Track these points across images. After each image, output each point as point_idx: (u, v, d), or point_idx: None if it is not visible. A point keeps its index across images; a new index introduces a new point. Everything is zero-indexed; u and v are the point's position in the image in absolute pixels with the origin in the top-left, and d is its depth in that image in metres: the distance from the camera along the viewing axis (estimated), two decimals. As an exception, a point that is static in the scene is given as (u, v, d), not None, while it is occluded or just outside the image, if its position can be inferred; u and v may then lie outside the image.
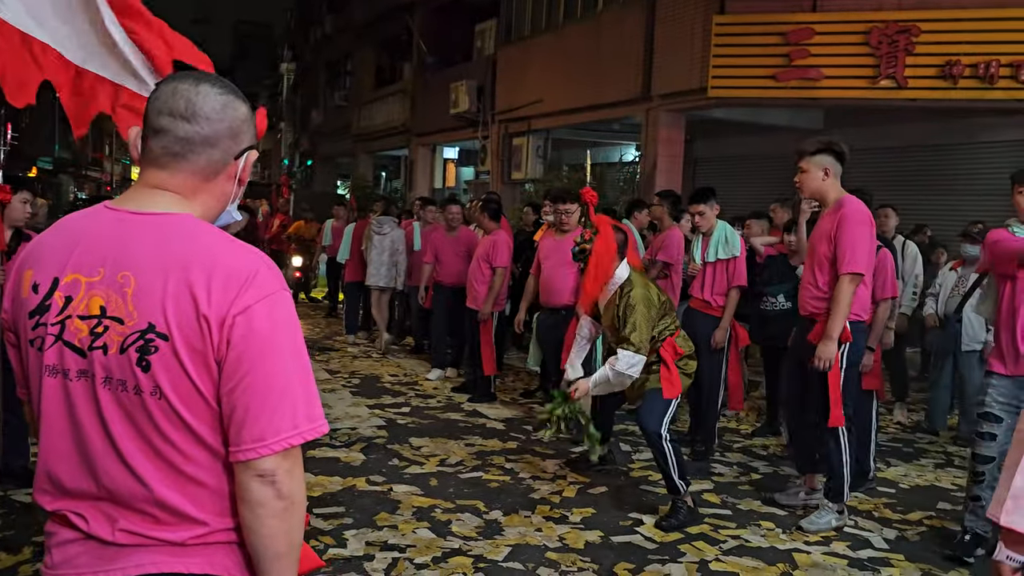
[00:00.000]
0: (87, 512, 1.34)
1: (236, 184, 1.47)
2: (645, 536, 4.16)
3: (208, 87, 1.40)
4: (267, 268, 1.35)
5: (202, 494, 1.34)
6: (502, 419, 6.41)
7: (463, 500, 4.55)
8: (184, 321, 1.28)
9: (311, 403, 1.35)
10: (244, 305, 1.30)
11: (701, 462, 5.37)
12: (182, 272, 1.29)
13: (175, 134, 1.37)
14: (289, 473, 1.33)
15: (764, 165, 13.01)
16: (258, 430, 1.30)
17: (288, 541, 1.36)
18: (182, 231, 1.35)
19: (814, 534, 4.25)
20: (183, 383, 1.29)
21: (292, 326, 1.35)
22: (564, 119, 13.43)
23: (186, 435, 1.32)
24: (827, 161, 4.20)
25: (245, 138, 1.44)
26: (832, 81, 9.78)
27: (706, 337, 5.47)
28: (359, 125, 22.44)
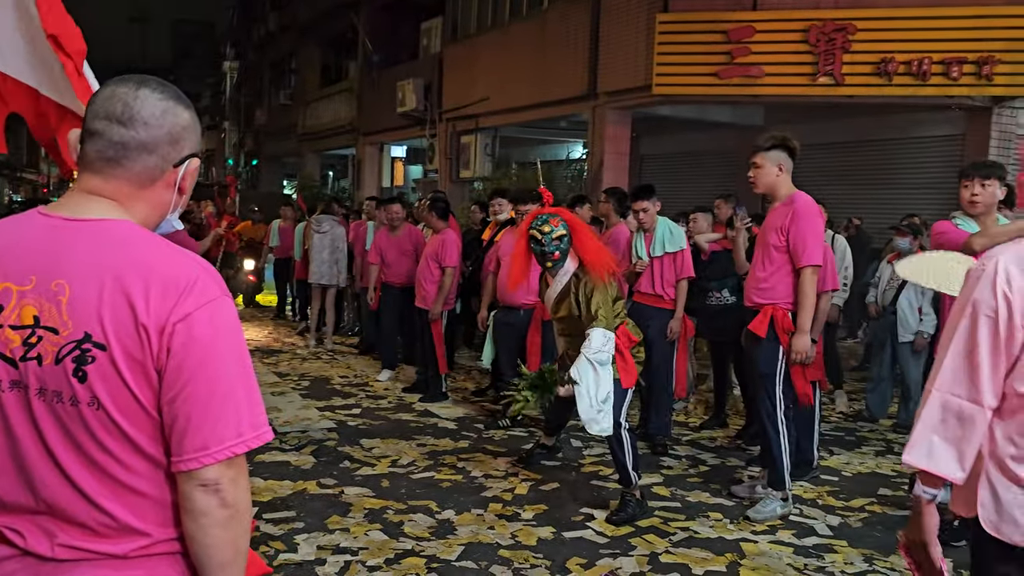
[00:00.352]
0: (24, 528, 1.31)
1: (176, 193, 1.42)
2: (596, 531, 4.21)
3: (148, 91, 1.36)
4: (206, 274, 1.33)
5: (143, 505, 1.31)
6: (454, 418, 6.41)
7: (415, 500, 4.54)
8: (122, 330, 1.25)
9: (255, 410, 1.34)
10: (184, 312, 1.27)
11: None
12: (118, 280, 1.26)
13: (110, 138, 1.34)
14: (233, 481, 1.31)
15: (708, 161, 13.23)
16: (200, 439, 1.28)
17: (234, 550, 1.34)
18: (118, 238, 1.31)
19: (760, 523, 4.35)
20: (122, 393, 1.27)
21: (234, 332, 1.33)
22: (512, 117, 13.46)
23: (125, 445, 1.29)
24: (781, 157, 4.30)
25: (186, 145, 1.40)
26: (773, 78, 9.98)
27: (660, 330, 5.56)
28: (305, 124, 22.18)
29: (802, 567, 3.84)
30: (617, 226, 6.44)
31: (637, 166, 13.68)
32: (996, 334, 1.67)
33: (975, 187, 3.99)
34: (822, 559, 3.94)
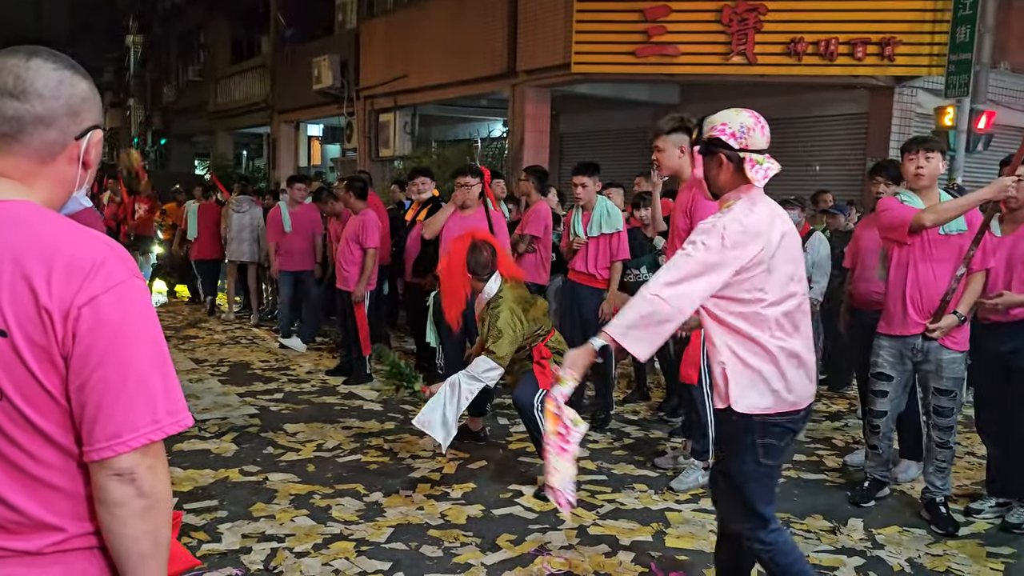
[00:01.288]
0: None
1: (80, 167, 1.36)
2: (525, 507, 4.25)
3: (40, 61, 1.29)
4: (115, 256, 1.26)
5: (56, 498, 1.25)
6: (379, 400, 6.36)
7: (342, 484, 4.50)
8: (23, 316, 1.19)
9: (171, 396, 1.28)
10: (89, 295, 1.21)
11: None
12: (18, 263, 1.20)
13: (3, 114, 1.27)
14: (151, 470, 1.26)
15: (625, 139, 13.40)
16: (113, 427, 1.22)
17: (153, 541, 1.29)
18: (18, 219, 1.24)
19: (684, 493, 4.47)
20: (27, 382, 1.21)
21: (146, 315, 1.27)
22: (431, 95, 13.33)
23: (34, 437, 1.23)
24: (682, 139, 4.36)
25: (87, 117, 1.34)
26: (688, 58, 10.16)
27: (592, 310, 5.62)
28: (216, 102, 21.48)
29: (724, 533, 3.97)
30: (538, 203, 6.49)
31: (557, 144, 13.76)
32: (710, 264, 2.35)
33: (920, 160, 4.04)
34: (742, 525, 4.08)
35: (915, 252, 4.04)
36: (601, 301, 5.64)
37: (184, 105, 24.44)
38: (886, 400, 4.23)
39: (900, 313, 4.10)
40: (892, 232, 4.11)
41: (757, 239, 2.50)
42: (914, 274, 4.04)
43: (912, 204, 4.05)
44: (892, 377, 4.19)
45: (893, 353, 4.16)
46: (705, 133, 2.62)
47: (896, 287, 4.12)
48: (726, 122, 2.61)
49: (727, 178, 2.62)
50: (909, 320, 4.06)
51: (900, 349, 4.13)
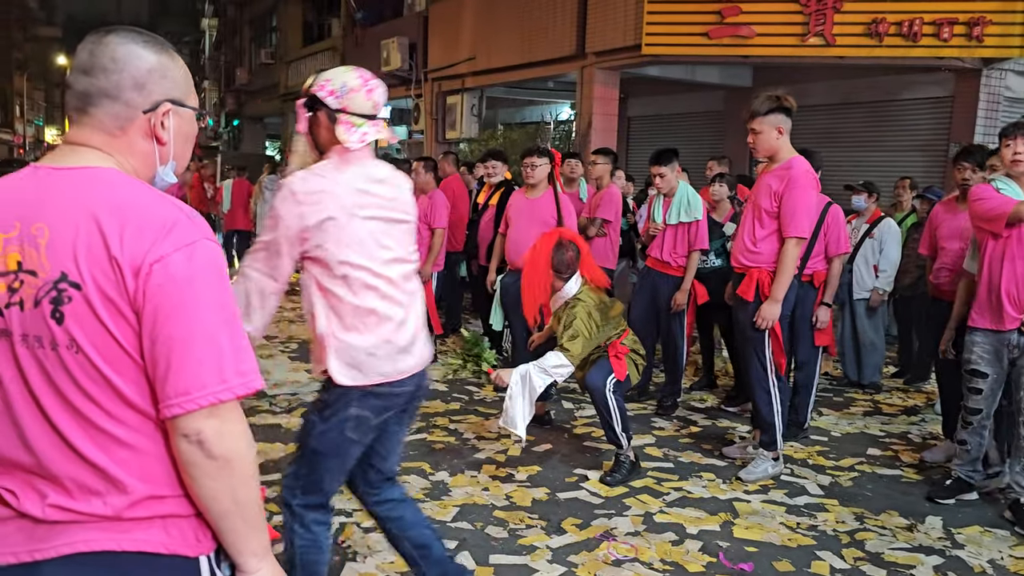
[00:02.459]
0: (18, 488, 1.28)
1: (155, 143, 1.38)
2: (591, 491, 4.23)
3: (114, 37, 1.34)
4: (187, 218, 1.29)
5: (133, 458, 1.27)
6: (444, 380, 6.40)
7: (408, 462, 4.54)
8: (96, 267, 1.22)
9: (240, 356, 1.28)
10: (160, 253, 1.23)
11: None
12: (94, 218, 1.24)
13: (76, 88, 1.34)
14: (219, 433, 1.26)
15: (696, 122, 13.14)
16: (182, 384, 1.23)
17: (231, 498, 1.29)
18: (100, 181, 1.29)
19: (752, 483, 4.38)
20: (100, 335, 1.23)
21: (216, 275, 1.28)
22: (498, 77, 13.27)
23: (110, 393, 1.25)
24: (779, 119, 4.21)
25: (155, 90, 1.36)
26: (763, 39, 9.87)
27: (666, 298, 5.54)
28: (288, 84, 21.80)
29: (795, 525, 3.88)
30: (610, 186, 6.41)
31: (625, 127, 13.58)
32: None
33: (1018, 145, 3.84)
34: (814, 518, 3.98)
35: (1012, 245, 3.85)
36: (676, 289, 5.55)
37: (256, 87, 24.90)
38: (980, 398, 4.06)
39: (995, 308, 3.92)
40: (988, 223, 3.91)
41: (320, 202, 2.31)
42: (1011, 268, 3.85)
43: (1010, 193, 3.84)
44: (987, 374, 4.00)
45: (988, 349, 3.98)
46: (312, 89, 2.45)
47: (991, 281, 3.93)
48: (330, 79, 2.44)
49: (327, 137, 2.44)
50: (1005, 315, 3.88)
51: (995, 345, 3.95)
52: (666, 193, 5.55)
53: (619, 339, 4.40)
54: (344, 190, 2.38)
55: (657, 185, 5.55)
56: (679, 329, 5.67)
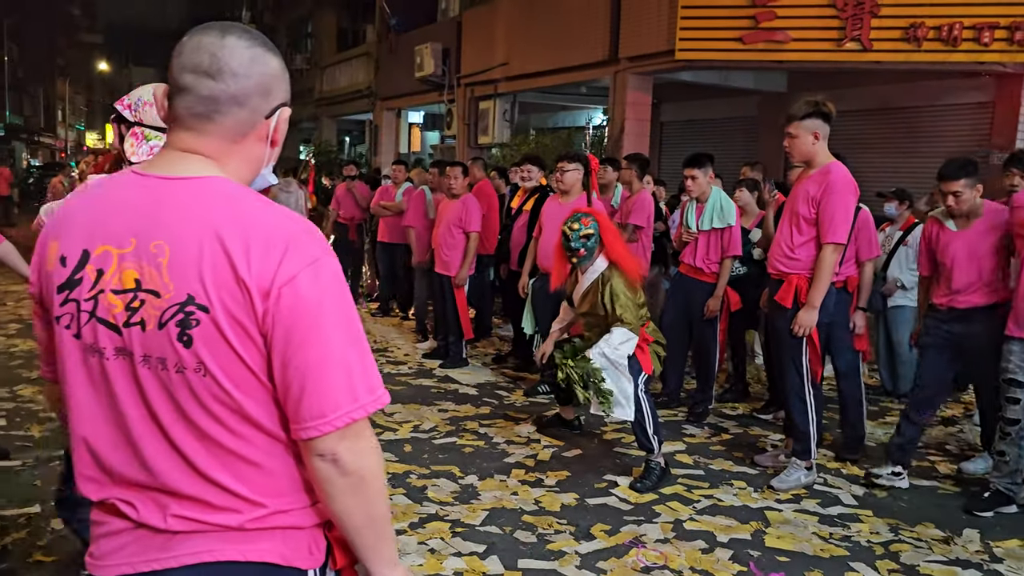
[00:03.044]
0: (137, 500, 1.26)
1: (268, 145, 1.35)
2: (620, 498, 4.21)
3: (235, 39, 1.27)
4: (306, 233, 1.25)
5: (256, 475, 1.26)
6: (474, 384, 6.41)
7: (438, 466, 4.55)
8: (223, 290, 1.19)
9: (369, 373, 1.27)
10: (289, 275, 1.19)
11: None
12: (218, 237, 1.19)
13: (199, 93, 1.26)
14: (351, 449, 1.25)
15: (730, 128, 13.04)
16: (317, 407, 1.21)
17: (365, 513, 1.29)
18: (216, 194, 1.25)
19: (785, 492, 4.33)
20: (228, 357, 1.20)
21: (341, 292, 1.25)
22: (531, 82, 13.29)
23: (235, 414, 1.23)
24: (816, 124, 4.17)
25: (277, 95, 1.33)
26: (798, 44, 9.78)
27: (699, 304, 5.51)
28: (322, 89, 22.05)
29: (828, 536, 3.82)
30: (641, 192, 6.40)
31: (658, 133, 13.52)
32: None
33: None
34: (848, 528, 3.93)
35: None
36: (708, 296, 5.50)
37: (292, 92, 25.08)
38: (1019, 408, 3.98)
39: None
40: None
41: None
42: None
43: None
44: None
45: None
46: (116, 103, 2.59)
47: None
48: (131, 95, 2.56)
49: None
50: None
51: None
52: (699, 199, 5.51)
53: (643, 326, 4.38)
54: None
55: (688, 188, 5.51)
56: (712, 336, 5.63)
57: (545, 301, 5.92)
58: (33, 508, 3.82)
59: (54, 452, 4.48)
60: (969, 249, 4.22)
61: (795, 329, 4.22)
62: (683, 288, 5.68)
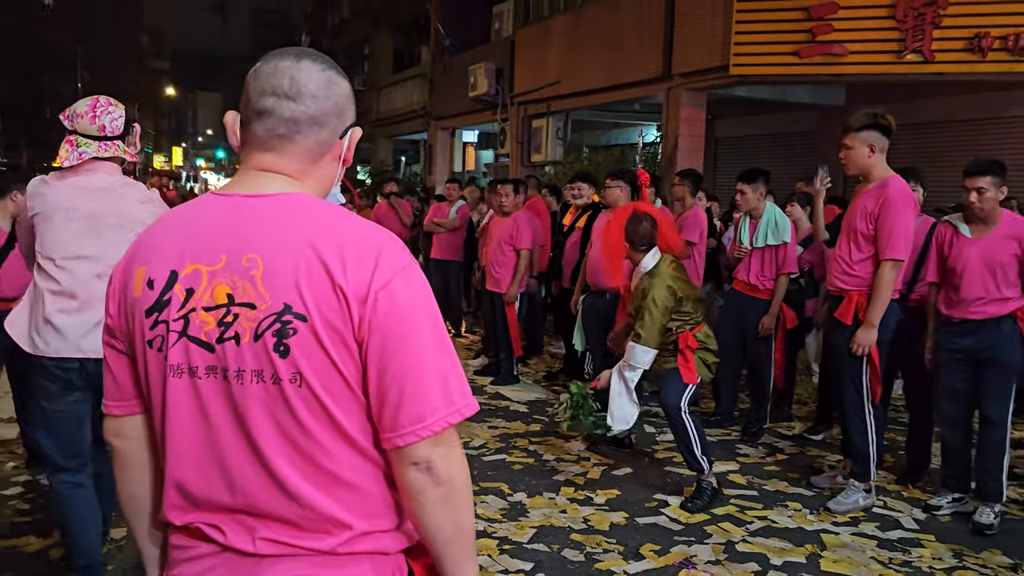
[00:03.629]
0: (223, 523, 1.26)
1: (340, 165, 1.38)
2: (671, 517, 4.14)
3: (310, 63, 1.31)
4: (393, 241, 1.27)
5: (347, 494, 1.25)
6: (525, 401, 6.40)
7: (487, 482, 4.55)
8: (321, 298, 1.19)
9: (461, 378, 1.27)
10: (384, 280, 1.21)
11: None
12: (312, 247, 1.21)
13: (281, 115, 1.29)
14: (445, 456, 1.24)
15: (786, 143, 12.85)
16: (416, 411, 1.21)
17: (454, 526, 1.28)
18: (303, 207, 1.27)
19: (842, 515, 4.21)
20: (325, 367, 1.20)
21: (430, 298, 1.27)
22: (584, 100, 13.30)
23: (330, 429, 1.23)
24: (873, 137, 4.09)
25: (348, 115, 1.36)
26: (856, 56, 9.60)
27: (753, 322, 5.42)
28: (378, 110, 22.43)
29: (887, 561, 3.70)
30: (693, 208, 6.35)
31: (712, 149, 13.39)
32: None
33: None
34: (908, 553, 3.79)
35: None
36: (763, 313, 5.40)
37: (348, 113, 25.68)
38: None
39: None
40: None
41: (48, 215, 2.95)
42: None
43: None
44: None
45: None
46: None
47: None
48: (72, 107, 3.01)
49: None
50: None
51: None
52: (751, 214, 5.43)
53: (691, 331, 4.32)
54: (60, 198, 2.96)
55: (737, 201, 5.45)
56: (766, 354, 5.52)
57: (595, 319, 5.88)
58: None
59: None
60: (983, 257, 4.09)
61: (853, 348, 4.11)
62: (737, 305, 5.59)
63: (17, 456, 4.68)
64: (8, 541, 3.65)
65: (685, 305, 4.30)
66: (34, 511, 3.99)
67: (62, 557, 3.51)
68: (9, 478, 4.39)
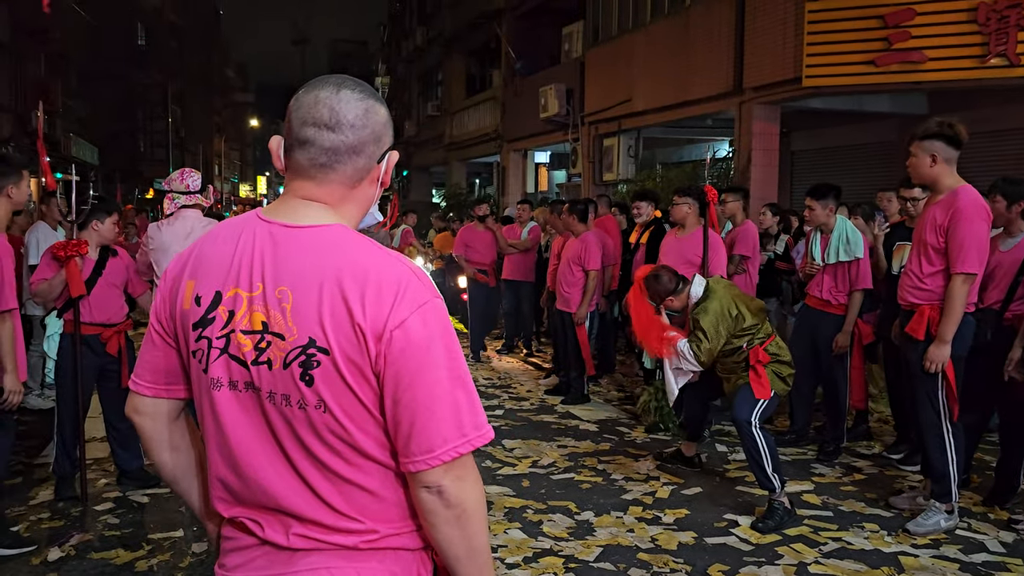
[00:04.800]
0: (262, 519, 1.38)
1: (379, 187, 1.46)
2: (740, 537, 4.07)
3: (349, 92, 1.37)
4: (417, 278, 1.33)
5: (370, 501, 1.35)
6: (595, 421, 6.38)
7: (555, 501, 4.56)
8: (341, 334, 1.28)
9: (475, 410, 1.34)
10: (400, 319, 1.28)
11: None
12: (336, 284, 1.29)
13: (321, 145, 1.36)
14: (457, 481, 1.32)
15: (866, 154, 12.50)
16: (426, 442, 1.29)
17: (466, 546, 1.35)
18: (334, 243, 1.34)
19: (922, 537, 4.06)
20: (346, 396, 1.30)
21: (447, 333, 1.33)
22: (655, 117, 13.25)
23: (351, 447, 1.32)
24: (936, 146, 3.98)
25: (386, 140, 1.43)
26: (936, 63, 9.31)
27: (826, 338, 5.31)
28: (452, 134, 22.79)
29: (969, 585, 3.55)
30: (744, 223, 6.35)
31: (788, 162, 13.13)
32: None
33: None
34: (993, 578, 3.63)
35: None
36: (837, 329, 5.27)
37: (423, 138, 26.16)
38: None
39: None
40: None
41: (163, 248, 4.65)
42: None
43: None
44: None
45: None
46: None
47: None
48: (169, 176, 4.62)
49: None
50: None
51: None
52: (823, 229, 5.32)
53: (761, 345, 4.25)
54: (167, 238, 4.49)
55: (806, 216, 5.36)
56: (841, 371, 5.38)
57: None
58: (177, 532, 4.10)
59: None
60: None
61: (926, 364, 3.98)
62: (810, 321, 5.47)
63: (109, 473, 4.92)
64: (99, 553, 3.84)
65: (745, 321, 4.25)
66: (123, 526, 4.20)
67: (148, 569, 3.68)
68: (101, 494, 4.63)
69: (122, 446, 4.73)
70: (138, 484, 4.72)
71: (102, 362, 4.58)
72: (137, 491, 4.65)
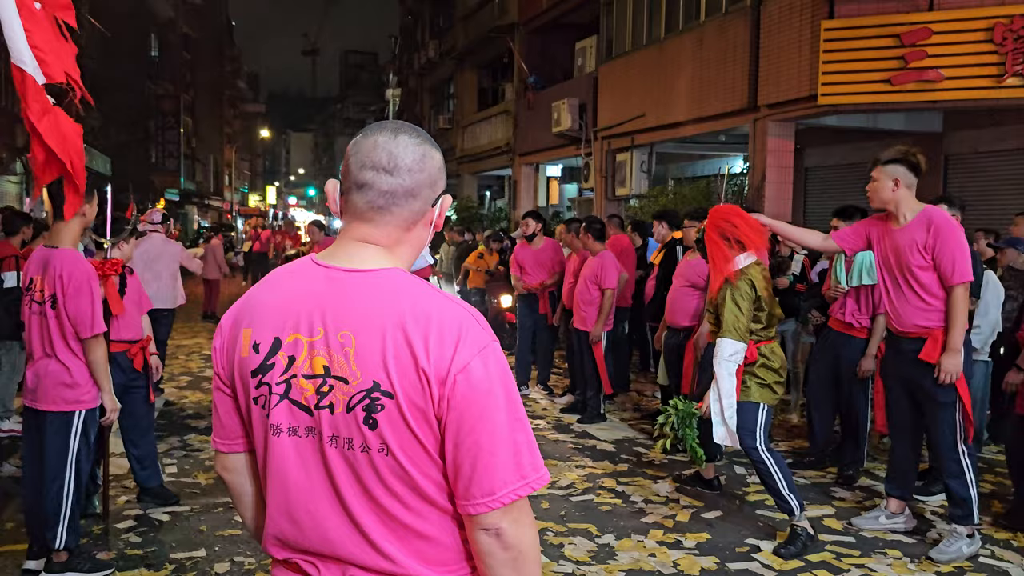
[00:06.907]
0: (319, 562, 1.40)
1: (431, 229, 1.49)
2: (763, 563, 4.05)
3: (406, 138, 1.41)
4: (474, 320, 1.36)
5: (427, 547, 1.37)
6: (612, 440, 6.37)
7: (574, 523, 4.55)
8: (405, 378, 1.30)
9: (533, 452, 1.36)
10: (463, 363, 1.30)
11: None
12: (399, 329, 1.31)
13: (379, 188, 1.39)
14: (515, 523, 1.34)
15: (880, 172, 12.50)
16: (487, 485, 1.31)
17: None
18: (394, 286, 1.37)
19: (945, 564, 4.04)
20: (408, 439, 1.32)
21: (507, 376, 1.36)
22: (668, 133, 13.27)
23: (412, 491, 1.34)
24: (899, 172, 4.11)
25: (440, 185, 1.46)
26: (953, 82, 9.31)
27: (849, 360, 5.30)
28: (463, 147, 22.86)
29: (996, 616, 3.53)
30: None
31: (802, 179, 13.13)
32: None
33: None
34: (1020, 608, 3.60)
35: None
36: (859, 353, 5.26)
37: (434, 151, 26.24)
38: None
39: None
40: None
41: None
42: None
43: None
44: None
45: None
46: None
47: None
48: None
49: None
50: None
51: None
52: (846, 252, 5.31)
53: (756, 343, 4.22)
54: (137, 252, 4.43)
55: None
56: (862, 395, 5.36)
57: (675, 355, 5.86)
58: (199, 552, 4.11)
59: (219, 499, 4.82)
60: None
61: (941, 377, 3.98)
62: (831, 344, 5.46)
63: (129, 491, 4.94)
64: (122, 573, 3.85)
65: (761, 312, 4.21)
66: (145, 544, 4.21)
67: (171, 590, 3.69)
68: (121, 511, 4.64)
69: (142, 464, 4.75)
70: (159, 502, 4.74)
71: (127, 379, 4.61)
72: (158, 509, 4.67)
